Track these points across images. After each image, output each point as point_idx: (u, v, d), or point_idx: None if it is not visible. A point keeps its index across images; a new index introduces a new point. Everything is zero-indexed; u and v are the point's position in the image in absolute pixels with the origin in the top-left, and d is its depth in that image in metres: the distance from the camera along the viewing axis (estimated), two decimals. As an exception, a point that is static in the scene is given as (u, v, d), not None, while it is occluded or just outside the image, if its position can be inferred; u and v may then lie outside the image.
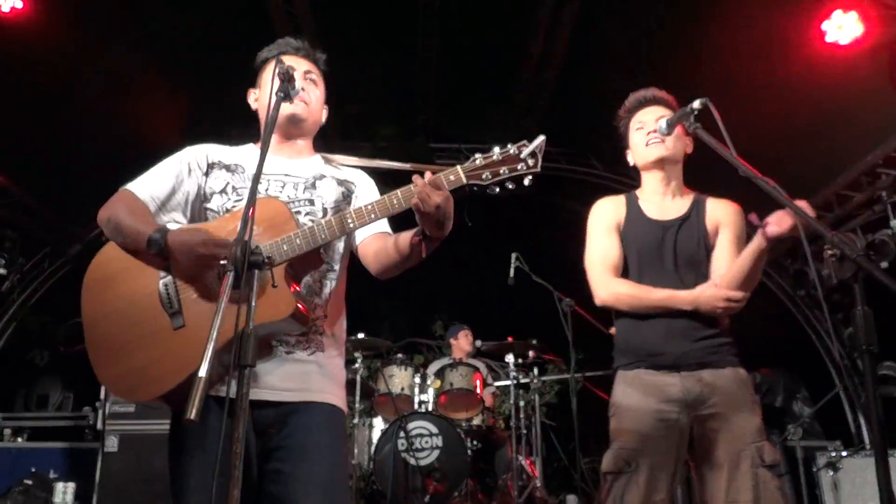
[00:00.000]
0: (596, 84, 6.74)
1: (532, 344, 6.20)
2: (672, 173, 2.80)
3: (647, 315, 2.63)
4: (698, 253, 2.70)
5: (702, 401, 2.53)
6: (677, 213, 2.77)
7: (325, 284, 2.21)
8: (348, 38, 6.56)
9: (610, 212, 2.81)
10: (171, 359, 1.94)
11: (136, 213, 2.07)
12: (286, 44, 2.41)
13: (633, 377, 2.62)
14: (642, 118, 2.82)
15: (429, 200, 1.89)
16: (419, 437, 5.40)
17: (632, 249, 2.73)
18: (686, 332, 2.59)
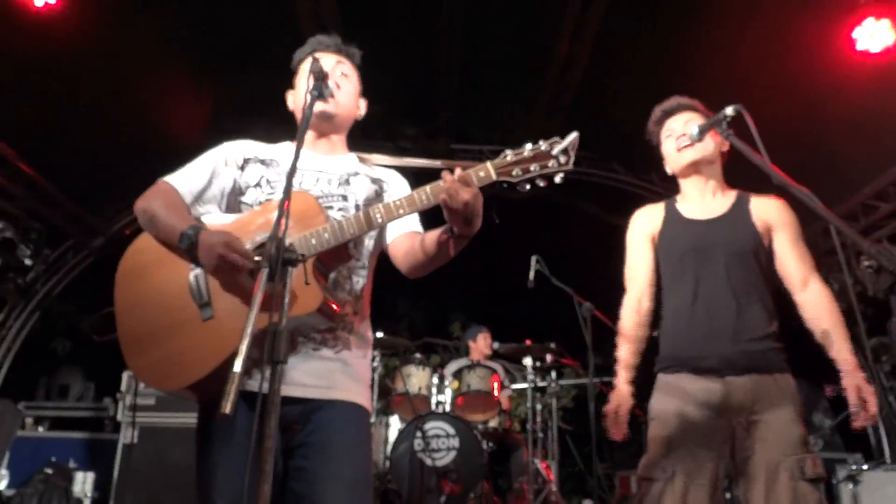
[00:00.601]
0: (620, 88, 6.72)
1: (550, 347, 6.19)
2: (710, 174, 2.78)
3: (688, 316, 2.60)
4: (747, 246, 2.64)
5: (745, 408, 2.47)
6: (720, 209, 2.73)
7: (354, 281, 2.21)
8: (372, 36, 6.54)
9: (643, 223, 2.82)
10: (199, 350, 1.96)
11: (171, 207, 2.10)
12: (318, 42, 2.43)
13: (673, 383, 2.58)
14: (671, 126, 2.82)
15: (457, 196, 1.87)
16: (436, 437, 5.39)
17: (671, 252, 2.71)
18: (732, 334, 2.53)
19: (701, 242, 2.66)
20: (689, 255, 2.66)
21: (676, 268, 2.68)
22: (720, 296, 2.59)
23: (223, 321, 1.97)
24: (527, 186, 1.94)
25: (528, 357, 6.12)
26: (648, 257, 2.75)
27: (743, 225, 2.67)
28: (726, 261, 2.62)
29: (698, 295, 2.61)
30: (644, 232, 2.80)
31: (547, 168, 1.92)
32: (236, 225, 2.11)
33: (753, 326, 2.56)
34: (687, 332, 2.58)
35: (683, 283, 2.65)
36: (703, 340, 2.54)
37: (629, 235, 2.84)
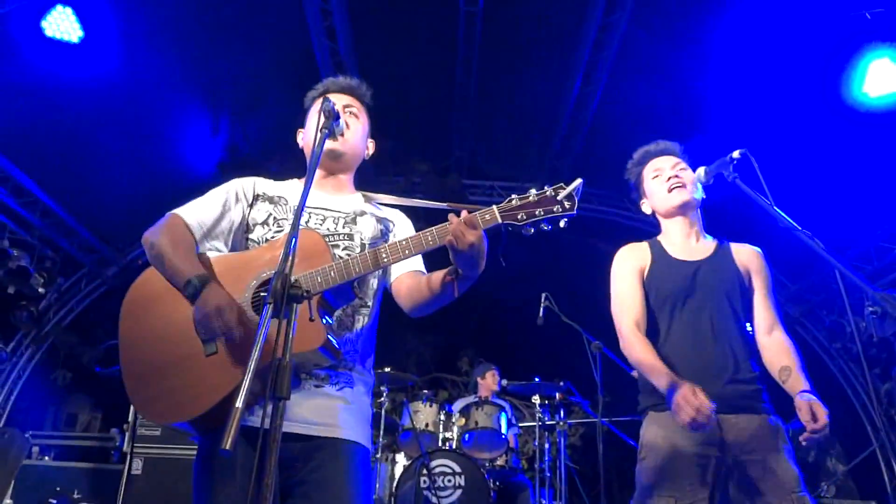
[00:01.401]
0: (631, 126, 6.77)
1: (559, 385, 6.13)
2: (693, 217, 2.83)
3: (682, 353, 2.59)
4: (735, 289, 2.68)
5: (740, 445, 2.46)
6: (704, 253, 2.77)
7: (357, 319, 2.21)
8: (387, 73, 6.71)
9: (632, 259, 2.82)
10: (201, 385, 1.96)
11: (179, 245, 2.11)
12: (330, 82, 2.47)
13: (666, 418, 2.50)
14: (659, 165, 2.86)
15: (463, 238, 1.90)
16: (442, 475, 5.33)
17: (662, 291, 2.71)
18: (722, 374, 2.54)
19: (691, 283, 2.68)
20: (679, 295, 2.68)
21: (666, 307, 2.68)
22: (712, 336, 2.61)
23: (226, 357, 1.97)
24: (531, 230, 1.98)
25: (536, 395, 6.07)
26: (639, 289, 2.74)
27: (729, 268, 2.72)
28: (716, 302, 2.65)
29: (690, 335, 2.62)
30: (633, 266, 2.79)
31: (551, 213, 1.96)
32: (242, 261, 2.13)
33: (743, 367, 2.58)
34: (682, 373, 2.53)
35: (674, 323, 2.66)
36: (697, 380, 2.49)
37: (617, 269, 2.82)
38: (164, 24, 5.91)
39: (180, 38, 6.11)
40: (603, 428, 5.32)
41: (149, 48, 6.01)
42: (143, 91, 6.37)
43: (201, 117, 7.05)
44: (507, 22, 6.23)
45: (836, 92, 5.30)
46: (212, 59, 6.40)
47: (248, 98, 6.94)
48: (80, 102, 6.21)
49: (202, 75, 6.52)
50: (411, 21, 6.35)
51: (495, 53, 6.47)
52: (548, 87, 6.91)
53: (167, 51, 6.13)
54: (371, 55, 6.58)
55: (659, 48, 6.03)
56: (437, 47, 6.54)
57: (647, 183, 2.90)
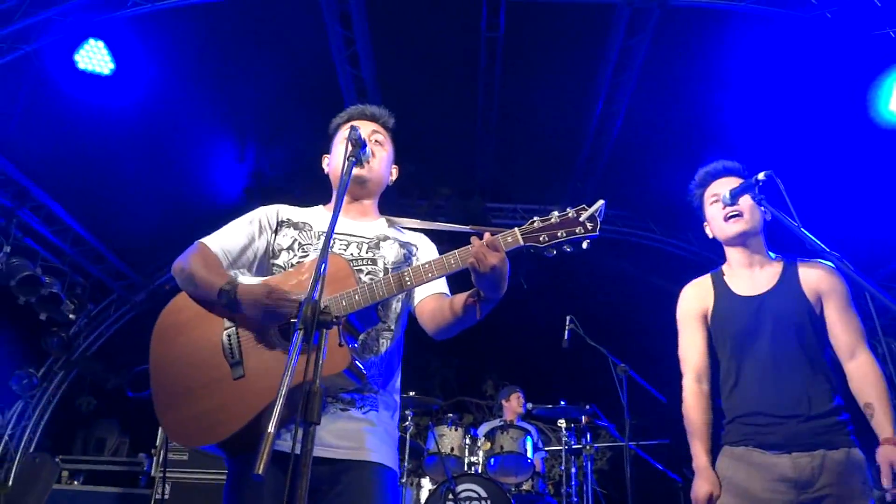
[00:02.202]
0: (654, 148, 6.77)
1: (585, 409, 6.07)
2: (754, 245, 2.73)
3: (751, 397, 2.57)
4: (803, 319, 2.60)
5: (813, 482, 2.40)
6: (768, 284, 2.69)
7: (381, 343, 2.23)
8: (410, 98, 6.79)
9: (694, 300, 2.79)
10: (229, 408, 1.99)
11: (209, 266, 2.16)
12: (356, 110, 2.52)
13: (741, 454, 2.52)
14: (716, 190, 2.77)
15: (485, 261, 1.92)
16: (468, 500, 5.29)
17: (726, 332, 2.67)
18: (793, 414, 2.48)
19: (755, 320, 2.62)
20: (744, 335, 2.63)
21: (734, 346, 2.64)
22: (784, 373, 2.54)
23: (253, 380, 2.00)
24: (553, 252, 1.98)
25: (562, 418, 6.01)
26: (702, 336, 2.73)
27: (795, 297, 2.63)
28: (782, 336, 2.58)
29: (762, 374, 2.58)
30: (696, 310, 2.75)
31: (574, 234, 1.96)
32: None
33: (818, 402, 2.50)
34: (756, 413, 2.53)
35: (742, 365, 2.62)
36: (773, 420, 2.50)
37: (680, 313, 2.81)
38: (189, 54, 6.05)
39: (206, 67, 6.25)
40: (630, 452, 5.26)
41: (175, 78, 6.15)
42: (170, 120, 6.51)
43: (227, 144, 7.18)
44: (528, 46, 6.28)
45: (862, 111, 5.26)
46: (237, 88, 6.53)
47: (272, 125, 7.06)
48: (110, 132, 6.36)
49: (228, 103, 6.65)
50: (433, 46, 6.43)
51: (517, 77, 6.52)
52: (570, 109, 6.94)
53: (193, 80, 6.27)
54: (394, 81, 6.66)
55: (680, 70, 6.04)
56: (459, 72, 6.62)
57: (707, 208, 2.82)
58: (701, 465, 2.55)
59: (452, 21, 6.15)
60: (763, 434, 2.49)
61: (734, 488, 2.47)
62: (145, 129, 6.46)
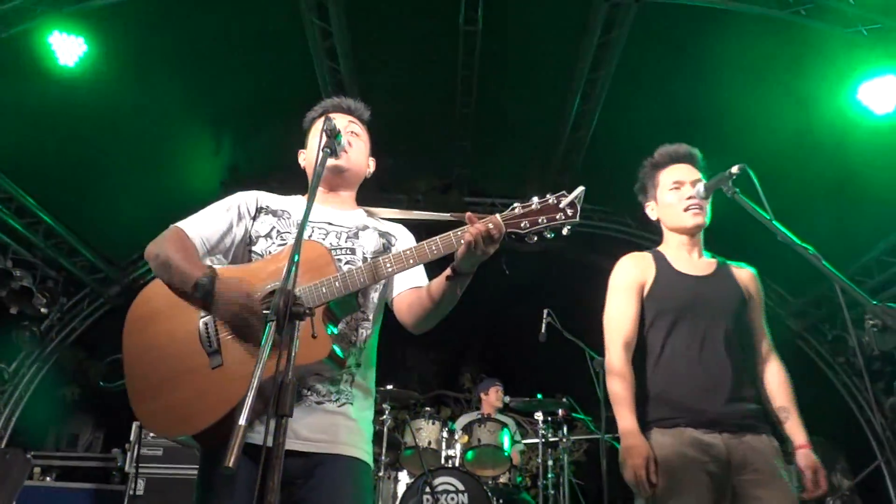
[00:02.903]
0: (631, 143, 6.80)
1: (561, 401, 6.11)
2: (698, 238, 2.80)
3: (678, 371, 2.57)
4: (739, 308, 2.66)
5: (745, 465, 2.44)
6: (707, 269, 2.75)
7: (360, 332, 2.22)
8: (388, 92, 6.76)
9: (634, 270, 2.75)
10: (207, 398, 1.96)
11: (185, 253, 2.11)
12: (330, 103, 2.50)
13: (674, 435, 2.50)
14: (678, 177, 2.77)
15: (482, 246, 1.93)
16: (445, 493, 5.30)
17: (664, 305, 2.67)
18: (721, 393, 2.52)
19: (698, 298, 2.65)
20: (681, 310, 2.64)
21: (671, 322, 2.64)
22: (717, 354, 2.58)
23: (232, 369, 1.98)
24: (534, 238, 1.98)
25: (539, 411, 6.05)
26: (636, 307, 2.69)
27: (734, 287, 2.70)
28: (721, 320, 2.62)
29: (696, 351, 2.59)
30: (634, 281, 2.72)
31: (554, 220, 1.97)
32: (247, 273, 2.14)
33: (744, 387, 2.57)
34: (686, 388, 2.54)
35: (672, 339, 2.63)
36: (702, 397, 2.52)
37: (616, 282, 2.75)
38: (164, 44, 5.97)
39: (181, 58, 6.17)
40: (606, 444, 5.31)
41: (150, 68, 6.07)
42: (144, 111, 6.42)
43: (203, 137, 7.11)
44: (506, 40, 6.28)
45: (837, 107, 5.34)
46: (213, 79, 6.46)
47: (249, 118, 6.99)
48: (82, 123, 6.26)
49: (203, 95, 6.57)
50: (412, 41, 6.41)
51: (495, 71, 6.52)
52: (547, 104, 6.96)
53: (168, 71, 6.19)
54: (372, 74, 6.63)
55: (658, 65, 6.08)
56: (437, 66, 6.60)
57: (662, 191, 2.80)
58: (631, 427, 2.48)
59: (431, 15, 6.12)
60: (695, 412, 2.50)
61: (669, 468, 2.44)
62: (118, 120, 6.37)
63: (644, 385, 2.61)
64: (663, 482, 2.42)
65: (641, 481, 2.38)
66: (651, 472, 2.40)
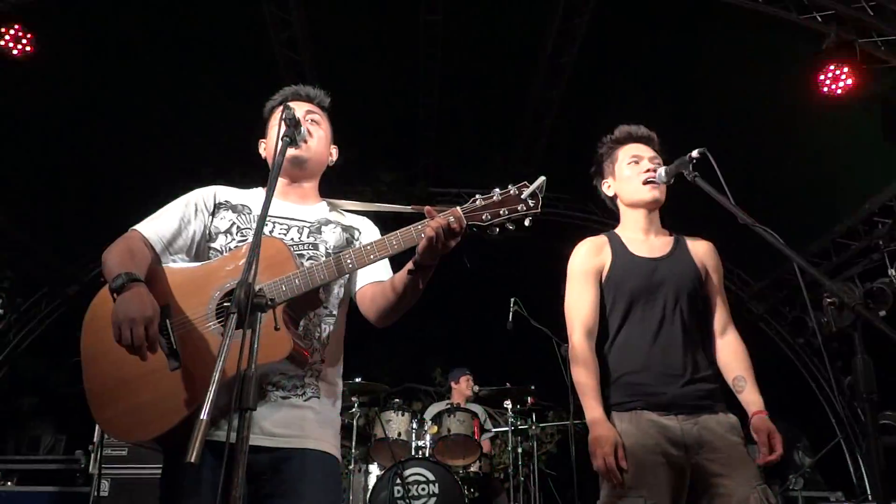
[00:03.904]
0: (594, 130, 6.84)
1: (530, 390, 6.15)
2: (655, 215, 2.81)
3: (635, 353, 2.59)
4: (695, 287, 2.68)
5: (701, 445, 2.47)
6: (663, 250, 2.76)
7: (322, 328, 2.19)
8: (350, 83, 6.70)
9: (591, 256, 2.74)
10: (168, 400, 1.92)
11: (127, 254, 2.04)
12: (290, 91, 2.46)
13: (633, 419, 2.52)
14: (637, 153, 2.79)
15: (444, 241, 1.91)
16: (416, 483, 5.30)
17: (622, 289, 2.68)
18: (679, 375, 2.55)
19: (653, 281, 2.66)
20: (638, 294, 2.66)
21: (628, 306, 2.66)
22: (674, 337, 2.59)
23: (192, 370, 1.93)
24: (496, 230, 1.97)
25: (508, 400, 6.07)
26: (595, 292, 2.68)
27: (689, 266, 2.71)
28: (677, 301, 2.64)
29: (652, 334, 2.61)
30: (592, 266, 2.71)
31: (516, 212, 1.95)
32: (205, 272, 2.09)
33: (701, 367, 2.59)
34: (643, 371, 2.56)
35: (629, 321, 2.65)
36: (660, 380, 2.54)
37: (574, 268, 2.74)
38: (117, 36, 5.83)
39: (135, 50, 6.03)
40: (575, 430, 5.35)
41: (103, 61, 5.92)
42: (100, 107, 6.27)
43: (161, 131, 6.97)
44: (468, 29, 6.26)
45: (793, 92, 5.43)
46: (170, 70, 6.33)
47: (209, 111, 6.88)
48: (37, 120, 6.10)
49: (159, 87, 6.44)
50: (373, 30, 6.35)
51: (458, 60, 6.49)
52: (510, 92, 6.96)
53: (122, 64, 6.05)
54: (334, 65, 6.56)
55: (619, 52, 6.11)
56: (399, 56, 6.55)
57: (621, 165, 2.81)
58: (598, 417, 2.48)
59: (392, 4, 6.08)
60: (651, 395, 2.53)
61: (629, 454, 2.45)
62: (71, 115, 6.21)
63: (604, 369, 2.62)
64: (629, 468, 2.43)
65: (612, 470, 2.39)
66: (620, 459, 2.41)
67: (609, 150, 2.88)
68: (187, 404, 1.89)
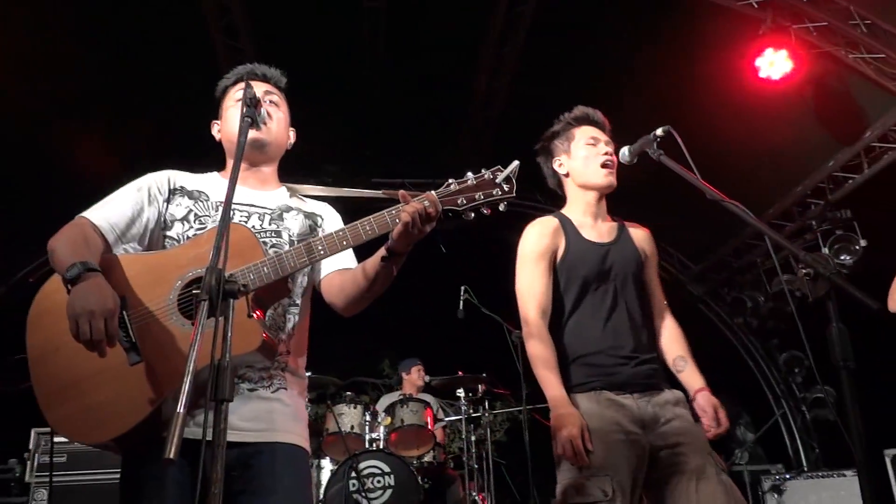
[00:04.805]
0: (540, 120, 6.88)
1: (482, 378, 6.15)
2: (604, 200, 2.85)
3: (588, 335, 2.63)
4: (640, 271, 2.77)
5: (656, 421, 2.53)
6: (610, 235, 2.81)
7: (287, 319, 2.12)
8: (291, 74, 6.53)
9: (545, 238, 2.73)
10: (127, 397, 1.81)
11: (77, 242, 1.92)
12: (245, 70, 2.36)
13: (590, 396, 2.54)
14: (595, 135, 2.81)
15: (420, 225, 1.88)
16: (371, 476, 5.25)
17: (575, 274, 2.70)
18: (630, 356, 2.61)
19: (604, 267, 2.71)
20: (590, 279, 2.69)
21: (580, 290, 2.68)
22: (624, 319, 2.66)
23: (153, 365, 1.83)
24: (471, 215, 1.96)
25: (460, 389, 6.07)
26: (549, 274, 2.69)
27: (633, 251, 2.79)
28: (627, 285, 2.71)
29: (604, 318, 2.66)
30: (546, 248, 2.72)
31: (492, 196, 1.96)
32: (163, 260, 1.99)
33: (648, 347, 2.67)
34: (598, 353, 2.61)
35: (582, 304, 2.68)
36: (614, 361, 2.60)
37: (528, 250, 2.74)
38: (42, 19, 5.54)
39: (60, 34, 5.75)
40: (527, 417, 5.39)
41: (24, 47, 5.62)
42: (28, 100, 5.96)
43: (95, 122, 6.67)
44: (412, 17, 6.19)
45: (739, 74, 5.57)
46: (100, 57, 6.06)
47: (146, 101, 6.62)
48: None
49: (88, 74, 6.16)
50: (315, 18, 6.20)
51: (402, 50, 6.42)
52: (456, 82, 6.92)
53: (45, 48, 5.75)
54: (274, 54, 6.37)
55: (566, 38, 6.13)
56: (342, 45, 6.43)
57: (577, 144, 2.81)
58: (559, 395, 2.47)
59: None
60: (609, 375, 2.57)
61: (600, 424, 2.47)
62: None
63: (560, 351, 2.62)
64: (594, 449, 2.43)
65: (579, 451, 2.37)
66: (587, 441, 2.40)
67: (566, 127, 2.88)
68: (150, 401, 1.80)
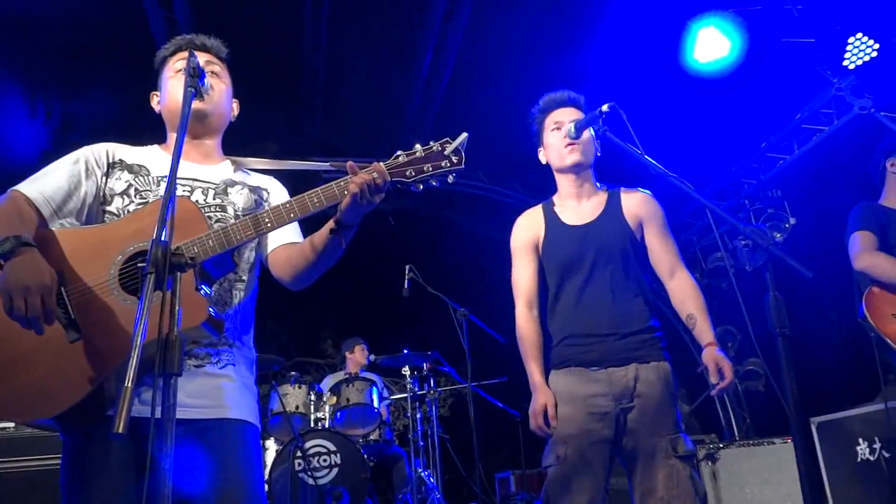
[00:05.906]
0: (482, 100, 6.89)
1: (427, 355, 6.19)
2: (585, 176, 2.91)
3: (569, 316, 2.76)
4: (624, 245, 2.80)
5: (626, 393, 2.63)
6: (593, 214, 2.87)
7: (234, 294, 2.09)
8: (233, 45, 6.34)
9: (526, 230, 2.92)
10: (67, 375, 1.76)
11: (13, 217, 1.84)
12: (185, 39, 2.30)
13: (563, 372, 2.74)
14: (560, 118, 2.89)
15: (369, 197, 1.87)
16: (317, 455, 5.23)
17: (554, 259, 2.83)
18: (609, 333, 2.69)
19: (580, 248, 2.79)
20: (570, 261, 2.80)
21: (560, 274, 2.81)
22: (600, 296, 2.74)
23: (94, 342, 1.78)
24: (420, 187, 1.96)
25: (406, 367, 6.10)
26: (533, 264, 2.88)
27: (617, 225, 2.83)
28: (607, 262, 2.77)
29: (580, 298, 2.76)
30: (528, 240, 2.89)
31: (440, 168, 1.95)
32: (102, 235, 1.93)
33: (634, 321, 2.72)
34: (572, 332, 2.74)
35: (567, 288, 2.80)
36: (587, 337, 2.71)
37: (514, 244, 2.93)
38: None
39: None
40: (473, 393, 5.46)
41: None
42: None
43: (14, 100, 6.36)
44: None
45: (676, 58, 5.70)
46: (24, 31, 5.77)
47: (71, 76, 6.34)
48: None
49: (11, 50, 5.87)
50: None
51: (344, 26, 6.30)
52: (399, 60, 6.85)
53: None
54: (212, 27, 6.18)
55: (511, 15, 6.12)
56: (283, 18, 6.28)
57: (546, 133, 2.94)
58: (537, 382, 2.73)
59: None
60: (583, 353, 2.71)
61: (566, 397, 2.68)
62: None
63: (548, 336, 2.83)
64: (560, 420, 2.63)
65: (540, 425, 2.62)
66: (551, 418, 2.63)
67: (539, 118, 2.99)
68: (91, 379, 1.75)
